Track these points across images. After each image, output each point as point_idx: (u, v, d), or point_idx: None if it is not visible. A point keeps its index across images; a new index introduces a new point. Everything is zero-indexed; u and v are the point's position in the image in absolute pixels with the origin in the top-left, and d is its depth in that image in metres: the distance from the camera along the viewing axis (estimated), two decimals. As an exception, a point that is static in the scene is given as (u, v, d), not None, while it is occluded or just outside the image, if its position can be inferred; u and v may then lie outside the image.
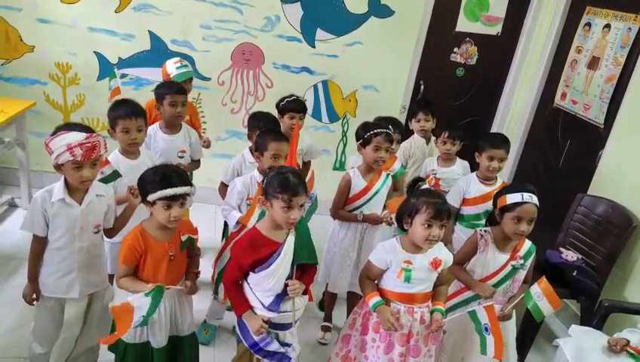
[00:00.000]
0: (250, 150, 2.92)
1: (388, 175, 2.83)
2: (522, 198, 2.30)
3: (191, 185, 2.06)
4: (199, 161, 3.25)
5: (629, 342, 2.40)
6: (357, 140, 2.81)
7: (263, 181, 2.11)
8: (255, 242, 2.05)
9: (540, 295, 2.18)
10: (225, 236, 2.98)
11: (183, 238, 2.09)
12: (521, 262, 2.35)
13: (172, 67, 3.43)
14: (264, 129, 2.77)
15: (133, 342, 2.13)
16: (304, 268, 2.10)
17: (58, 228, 2.08)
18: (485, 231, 2.45)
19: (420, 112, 3.59)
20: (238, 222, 2.53)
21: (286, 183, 1.97)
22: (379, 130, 2.70)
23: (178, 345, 2.21)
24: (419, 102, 3.86)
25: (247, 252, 2.04)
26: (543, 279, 2.24)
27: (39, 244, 2.12)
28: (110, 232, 2.29)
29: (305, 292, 2.12)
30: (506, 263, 2.36)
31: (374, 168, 2.77)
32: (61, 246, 2.11)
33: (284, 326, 2.11)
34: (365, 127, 2.78)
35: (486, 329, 2.21)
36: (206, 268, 3.07)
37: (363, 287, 2.31)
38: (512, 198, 2.33)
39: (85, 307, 2.25)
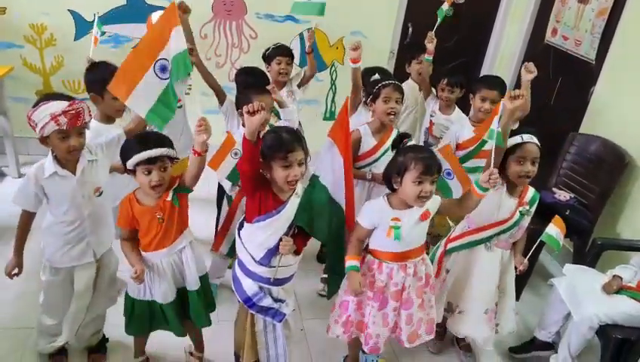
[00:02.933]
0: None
1: (398, 132, 2.75)
2: (522, 139, 2.30)
3: (170, 147, 2.02)
4: None
5: (622, 279, 2.47)
6: (367, 98, 2.77)
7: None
8: (266, 183, 2.02)
9: (559, 233, 2.30)
10: (219, 197, 2.95)
11: (169, 197, 2.06)
12: (527, 208, 2.36)
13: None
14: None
15: (139, 298, 2.18)
16: (302, 232, 2.08)
17: (62, 203, 2.06)
18: None
19: (421, 54, 3.49)
20: (233, 185, 2.51)
21: (279, 141, 1.94)
22: (387, 82, 2.64)
23: (186, 298, 2.23)
24: (417, 45, 3.69)
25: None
26: (557, 217, 2.34)
27: (29, 219, 2.11)
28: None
29: (297, 253, 2.10)
30: (515, 210, 2.36)
31: (386, 122, 2.70)
32: (71, 219, 2.09)
33: (271, 281, 2.09)
34: (372, 83, 2.72)
35: (448, 173, 2.24)
36: (205, 225, 3.07)
37: (349, 247, 2.29)
38: (512, 141, 2.31)
39: (94, 274, 2.26)
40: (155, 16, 3.30)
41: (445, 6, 3.39)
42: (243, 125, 2.61)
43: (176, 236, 2.13)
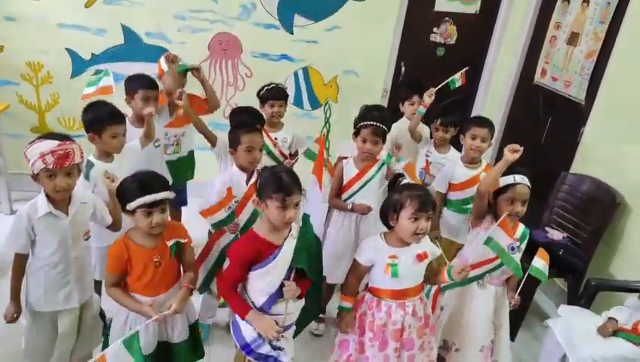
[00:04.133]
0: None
1: (383, 163, 2.79)
2: (514, 180, 2.34)
3: (168, 187, 2.02)
4: None
5: (617, 322, 2.45)
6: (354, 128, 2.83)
7: (256, 181, 2.09)
8: (255, 244, 2.01)
9: (545, 265, 2.31)
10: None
11: (170, 244, 2.05)
12: (518, 244, 2.37)
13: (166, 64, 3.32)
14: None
15: None
16: (302, 274, 2.06)
17: (50, 244, 2.04)
18: None
19: (414, 96, 3.54)
20: (218, 224, 2.50)
21: (279, 183, 1.95)
22: (367, 123, 2.69)
23: (169, 351, 2.16)
24: (410, 85, 3.74)
25: (249, 250, 2.00)
26: (541, 250, 2.35)
27: (22, 262, 2.08)
28: (114, 227, 2.28)
29: (300, 297, 2.10)
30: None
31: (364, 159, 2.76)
32: (57, 260, 2.07)
33: None
34: (361, 117, 2.77)
35: (512, 248, 2.26)
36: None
37: (345, 286, 2.32)
38: (504, 181, 2.36)
39: (78, 318, 2.22)
40: (164, 62, 3.33)
41: (457, 76, 3.42)
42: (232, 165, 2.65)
43: (172, 284, 2.10)
